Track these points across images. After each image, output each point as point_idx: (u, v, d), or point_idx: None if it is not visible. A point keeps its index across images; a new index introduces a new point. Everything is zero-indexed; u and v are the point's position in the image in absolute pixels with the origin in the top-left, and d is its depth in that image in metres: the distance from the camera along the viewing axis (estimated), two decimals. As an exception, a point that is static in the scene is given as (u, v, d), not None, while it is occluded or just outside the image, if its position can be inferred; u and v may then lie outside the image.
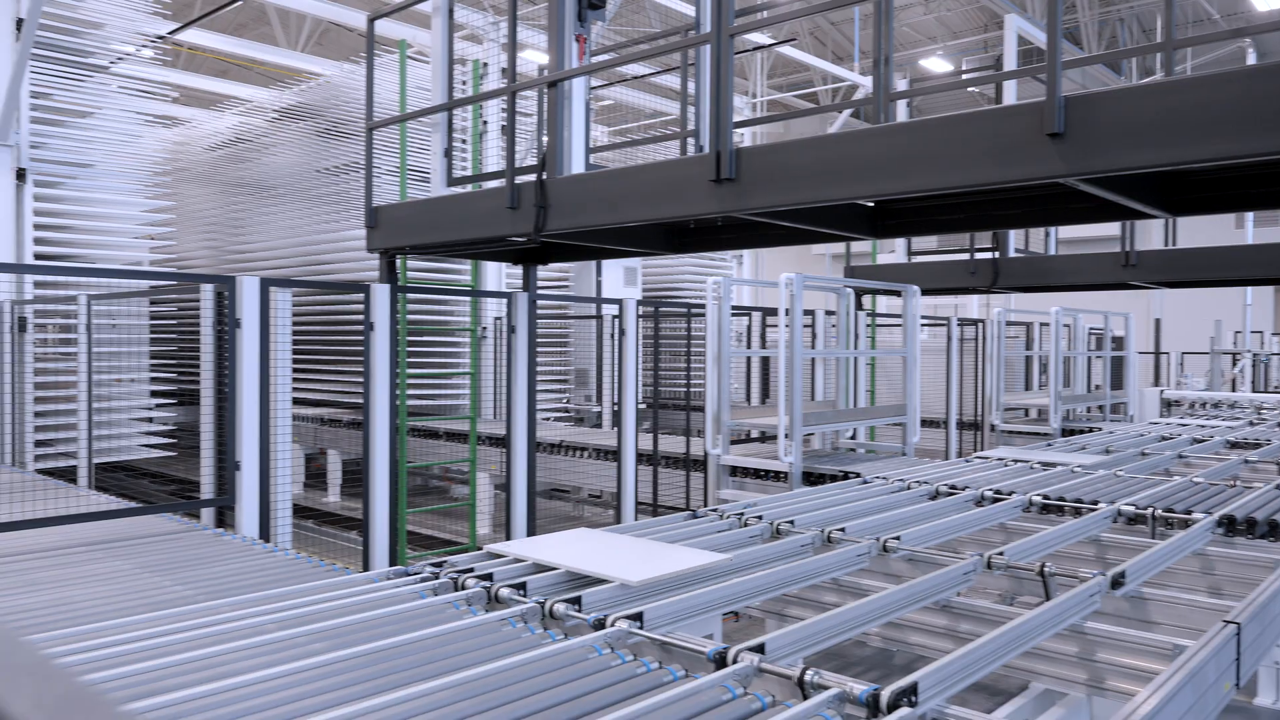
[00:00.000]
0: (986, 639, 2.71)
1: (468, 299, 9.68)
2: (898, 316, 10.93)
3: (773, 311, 9.82)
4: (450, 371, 9.61)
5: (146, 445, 8.21)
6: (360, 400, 10.12)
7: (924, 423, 9.20)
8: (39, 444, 7.77)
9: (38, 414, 7.75)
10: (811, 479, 6.60)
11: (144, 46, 9.20)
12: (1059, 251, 10.76)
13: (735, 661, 2.42)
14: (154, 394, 8.60)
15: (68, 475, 7.31)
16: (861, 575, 3.93)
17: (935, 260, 11.40)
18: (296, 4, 13.28)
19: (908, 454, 7.51)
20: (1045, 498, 4.88)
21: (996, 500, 4.94)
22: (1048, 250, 10.74)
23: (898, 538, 3.96)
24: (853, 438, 8.52)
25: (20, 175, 7.91)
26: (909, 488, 5.29)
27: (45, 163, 8.19)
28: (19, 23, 7.80)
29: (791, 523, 4.28)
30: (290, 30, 19.22)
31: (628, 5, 15.99)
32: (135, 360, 8.23)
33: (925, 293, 9.01)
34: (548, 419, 11.19)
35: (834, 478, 6.40)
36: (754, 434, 8.49)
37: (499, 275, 10.52)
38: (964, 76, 14.32)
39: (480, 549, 3.69)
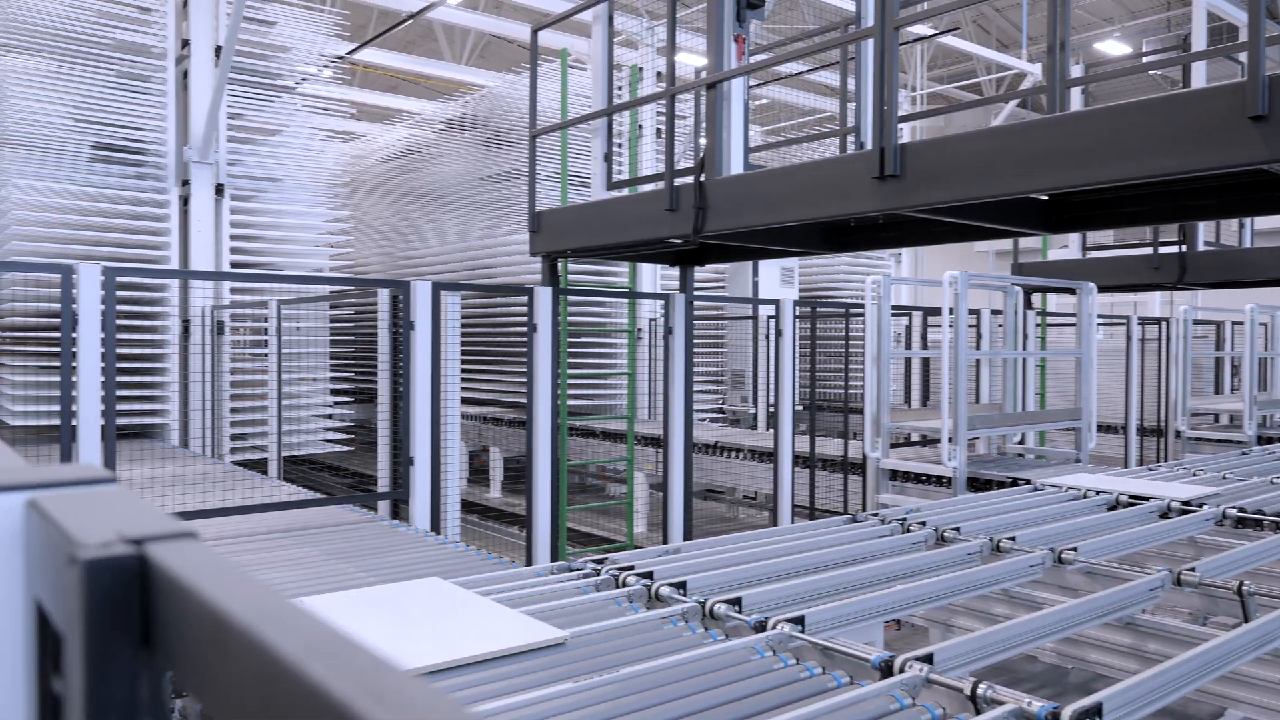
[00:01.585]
0: (1178, 660, 2.53)
1: (624, 300, 9.84)
2: (1070, 315, 10.35)
3: (934, 311, 9.50)
4: (608, 372, 9.79)
5: (328, 440, 8.76)
6: (520, 399, 10.48)
7: (1100, 428, 8.68)
8: (234, 438, 8.43)
9: (233, 410, 8.40)
10: (977, 485, 6.35)
11: (325, 67, 9.82)
12: (1255, 244, 9.92)
13: (902, 670, 2.36)
14: (333, 392, 9.16)
15: (259, 467, 7.90)
16: (1034, 587, 3.75)
17: (1113, 255, 10.74)
18: (462, 19, 13.84)
19: (1082, 460, 7.11)
20: (1241, 510, 4.51)
21: (1185, 512, 4.61)
22: (1242, 243, 9.93)
23: (1074, 549, 3.76)
24: (1021, 442, 8.14)
25: (219, 190, 8.60)
26: (1084, 496, 5.01)
27: (240, 178, 8.87)
28: (218, 50, 8.48)
29: (957, 529, 4.13)
30: (455, 44, 20.07)
31: (782, 3, 15.85)
32: (318, 360, 8.81)
33: (1102, 290, 8.50)
34: (703, 420, 11.22)
35: (1001, 484, 6.13)
36: (914, 437, 8.24)
37: (654, 276, 10.64)
38: (1146, 59, 13.41)
39: (637, 547, 3.74)
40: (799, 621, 2.83)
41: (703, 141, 6.85)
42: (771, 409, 10.56)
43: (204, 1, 8.44)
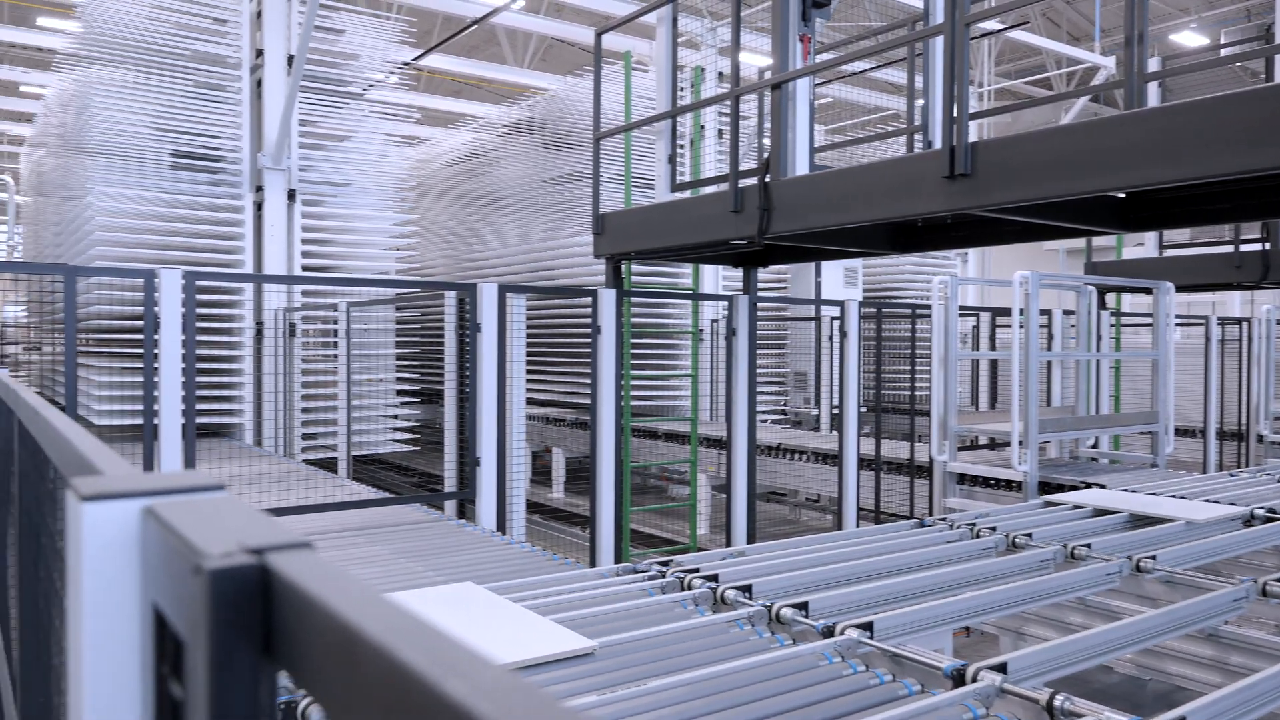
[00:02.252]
0: (1265, 675, 2.45)
1: (687, 301, 9.84)
2: (1146, 316, 10.05)
3: (1003, 311, 9.31)
4: (672, 374, 9.80)
5: (395, 440, 8.92)
6: (582, 400, 10.54)
7: (1178, 432, 8.40)
8: (305, 437, 8.63)
9: (304, 410, 8.60)
10: (1048, 490, 6.21)
11: (391, 73, 10.00)
12: (1344, 241, 9.51)
13: (975, 680, 2.31)
14: (399, 393, 9.32)
15: (328, 466, 8.07)
16: (1110, 596, 3.66)
17: (1192, 254, 10.40)
18: (524, 24, 13.97)
19: (1159, 465, 6.90)
20: (1332, 519, 4.34)
21: (1270, 519, 4.44)
22: (1330, 240, 9.52)
23: (1153, 557, 3.65)
24: (1094, 446, 7.92)
25: (291, 195, 8.81)
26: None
27: (311, 183, 9.08)
28: (290, 59, 8.70)
29: (1029, 535, 4.05)
30: (518, 48, 20.26)
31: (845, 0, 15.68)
32: (384, 361, 8.98)
33: (1179, 289, 8.24)
34: (764, 421, 11.15)
35: (1074, 489, 5.98)
36: (982, 440, 8.08)
37: (716, 276, 10.61)
38: (1225, 51, 12.95)
39: (701, 549, 3.73)
40: (868, 627, 2.80)
41: (766, 141, 6.82)
42: (835, 410, 10.45)
43: (277, 12, 8.66)
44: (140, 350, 8.14)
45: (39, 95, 16.69)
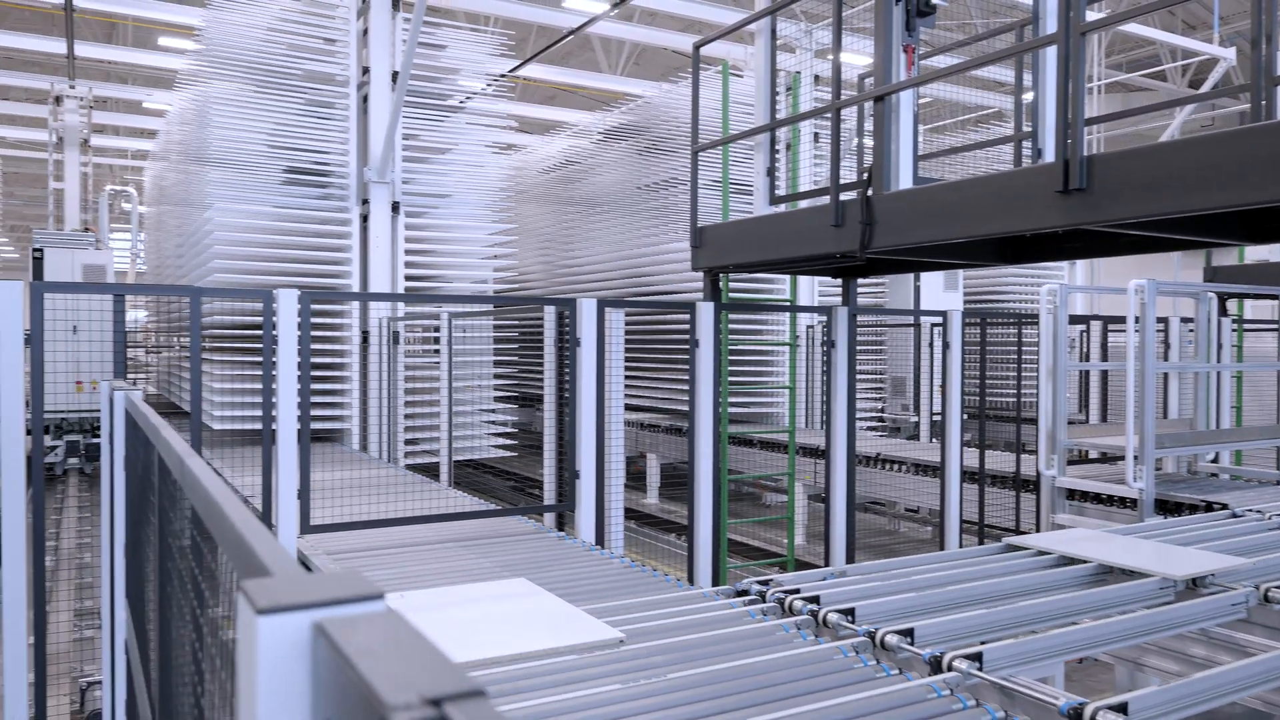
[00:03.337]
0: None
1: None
2: (1271, 322, 9.53)
3: (1115, 320, 8.94)
4: (769, 385, 9.73)
5: (495, 446, 9.11)
6: (677, 406, 10.56)
7: (1306, 445, 7.93)
8: (407, 442, 8.88)
9: (406, 416, 8.85)
10: (1165, 508, 5.94)
11: (490, 84, 10.20)
12: None
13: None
14: (497, 399, 9.51)
15: (430, 470, 8.29)
16: (1236, 628, 3.48)
17: (1322, 256, 9.80)
18: (618, 32, 14.07)
19: (1287, 483, 6.53)
20: None
21: None
22: None
23: (1286, 587, 3.46)
24: (1214, 461, 7.55)
25: (395, 208, 9.08)
26: (1295, 526, 4.60)
27: (414, 195, 9.34)
28: (394, 75, 8.96)
29: (1147, 561, 3.87)
30: (611, 54, 20.42)
31: (945, -4, 15.28)
32: (483, 368, 9.17)
33: (1310, 295, 7.77)
34: (861, 428, 10.98)
35: (1194, 508, 5.71)
36: (1091, 454, 7.78)
37: (812, 285, 10.50)
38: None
39: (798, 560, 3.70)
40: (977, 658, 2.73)
41: (867, 142, 6.70)
42: (935, 417, 10.21)
43: (382, 31, 8.93)
44: (251, 350, 8.53)
45: (160, 112, 17.61)
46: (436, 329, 8.69)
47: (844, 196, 4.53)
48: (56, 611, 6.69)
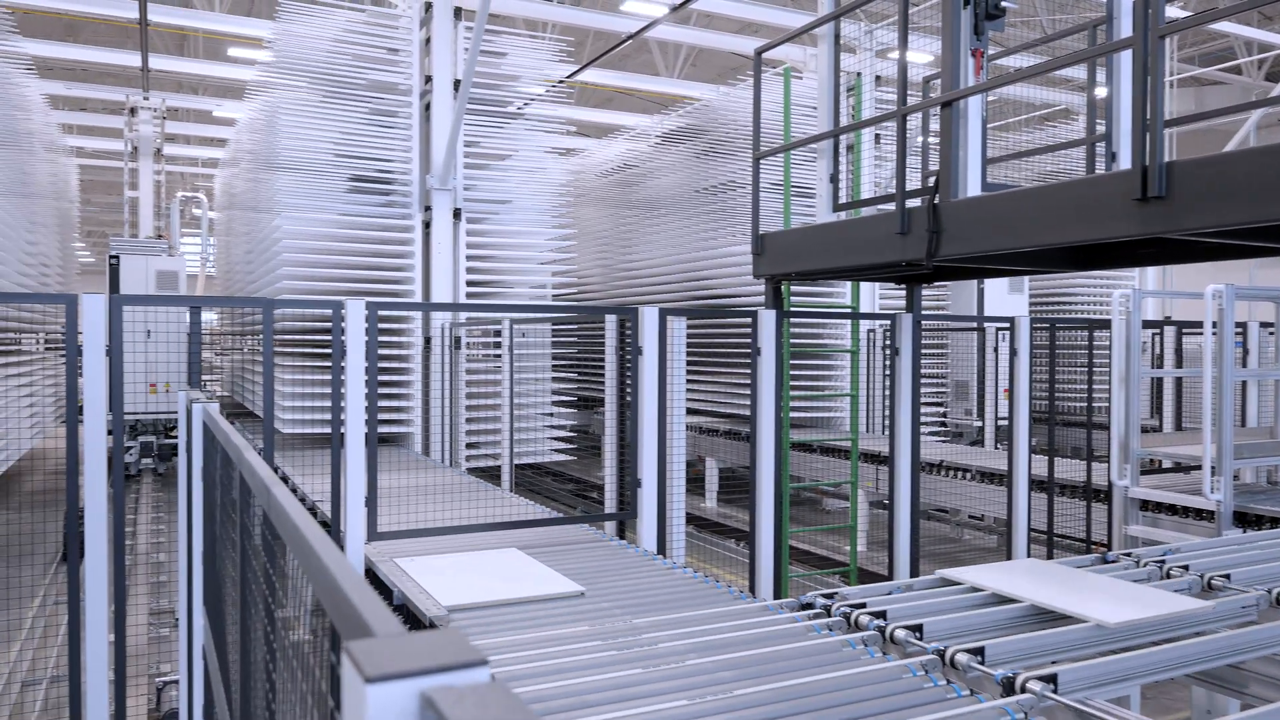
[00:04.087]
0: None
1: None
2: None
3: (1189, 325, 8.67)
4: (831, 394, 9.64)
5: (555, 450, 9.17)
6: (735, 410, 10.51)
7: (1396, 454, 7.58)
8: (468, 446, 8.98)
9: (468, 420, 8.95)
10: (1245, 521, 5.74)
11: (549, 90, 10.27)
12: None
13: (1177, 751, 2.17)
14: (555, 403, 9.57)
15: (491, 473, 8.37)
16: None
17: None
18: (675, 36, 14.06)
19: (1376, 495, 6.26)
20: None
21: None
22: None
23: (1380, 609, 3.31)
24: (1297, 471, 7.28)
25: (456, 214, 9.19)
26: (1386, 543, 4.40)
27: (475, 201, 9.44)
28: (456, 83, 9.07)
29: (1227, 577, 3.74)
30: (668, 55, 20.41)
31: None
32: (543, 372, 9.24)
33: (1399, 298, 7.44)
34: (922, 433, 10.81)
35: (1275, 521, 5.52)
36: (1165, 463, 7.55)
37: (873, 291, 10.38)
38: None
39: (861, 570, 3.65)
40: (1051, 680, 2.67)
41: (931, 140, 6.59)
42: (1001, 422, 10.01)
43: (444, 40, 9.05)
44: (317, 355, 8.70)
45: (229, 121, 18.07)
46: (497, 333, 8.78)
47: (909, 203, 4.46)
48: (135, 610, 6.90)
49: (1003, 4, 4.19)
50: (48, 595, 7.83)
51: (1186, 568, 3.90)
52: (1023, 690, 2.66)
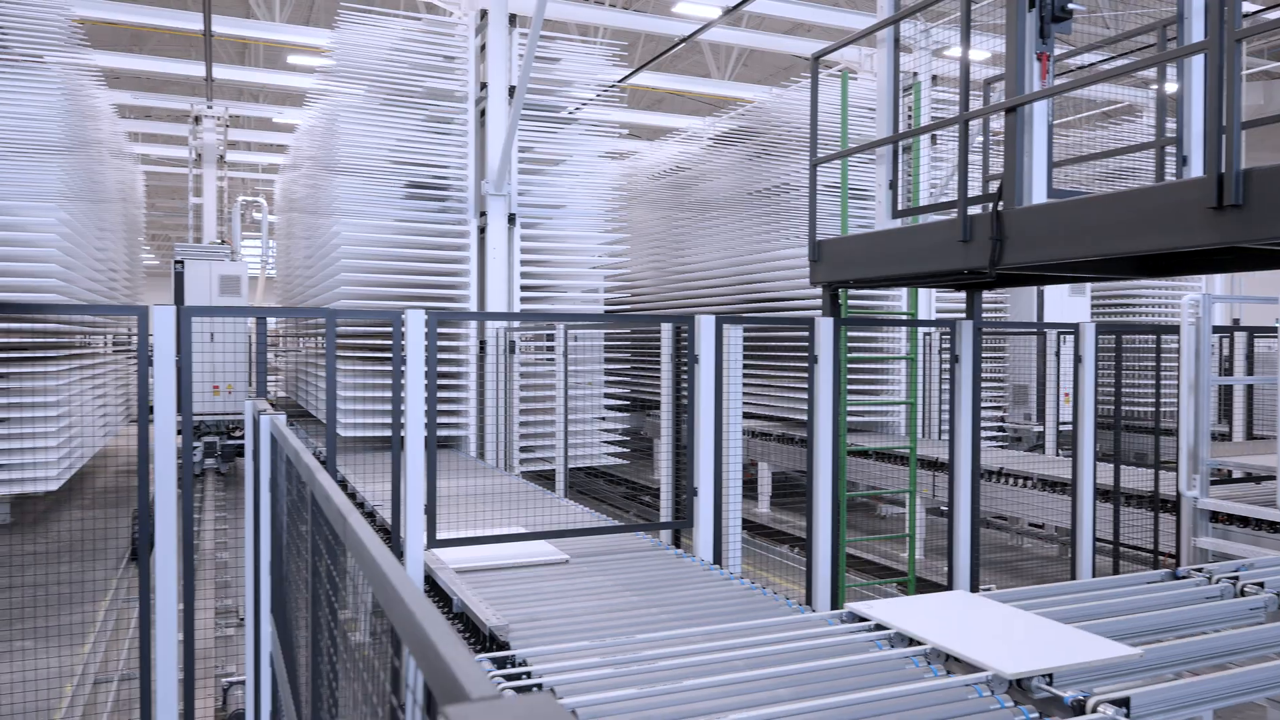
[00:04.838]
0: None
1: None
2: None
3: (1261, 330, 8.39)
4: (890, 401, 9.52)
5: (609, 454, 9.20)
6: (789, 415, 10.43)
7: None
8: (522, 449, 9.04)
9: (522, 424, 9.02)
10: (1322, 534, 5.55)
11: (601, 94, 10.29)
12: None
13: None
14: (609, 408, 9.59)
15: (545, 477, 8.42)
16: None
17: None
18: (727, 38, 14.00)
19: None
20: None
21: None
22: None
23: None
24: (1376, 481, 7.00)
25: (511, 219, 9.26)
26: None
27: (528, 206, 9.50)
28: (510, 90, 9.14)
29: (1306, 596, 3.62)
30: (719, 57, 20.34)
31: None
32: (597, 376, 9.27)
33: None
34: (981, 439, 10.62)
35: (1355, 535, 5.32)
36: (1236, 473, 7.32)
37: (929, 295, 10.23)
38: None
39: (919, 579, 3.59)
40: (1124, 704, 2.61)
41: (993, 139, 6.47)
42: (1063, 427, 9.80)
43: (499, 47, 9.12)
44: (377, 359, 8.82)
45: (289, 128, 18.44)
46: (550, 337, 8.82)
47: (971, 210, 4.39)
48: (204, 610, 7.07)
49: (1069, 6, 4.10)
50: (118, 592, 8.06)
51: (1262, 585, 3.79)
52: (1094, 712, 2.60)
